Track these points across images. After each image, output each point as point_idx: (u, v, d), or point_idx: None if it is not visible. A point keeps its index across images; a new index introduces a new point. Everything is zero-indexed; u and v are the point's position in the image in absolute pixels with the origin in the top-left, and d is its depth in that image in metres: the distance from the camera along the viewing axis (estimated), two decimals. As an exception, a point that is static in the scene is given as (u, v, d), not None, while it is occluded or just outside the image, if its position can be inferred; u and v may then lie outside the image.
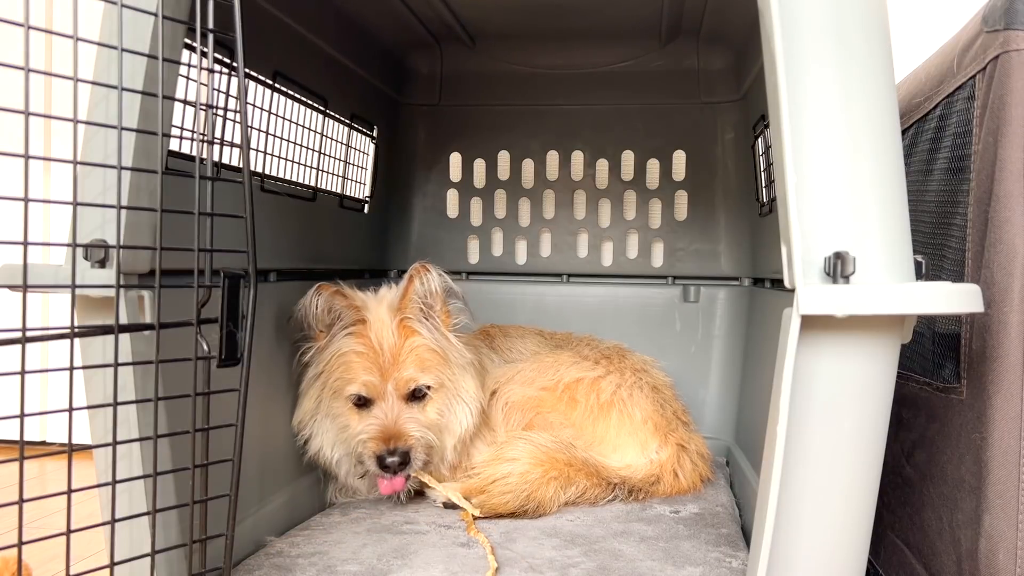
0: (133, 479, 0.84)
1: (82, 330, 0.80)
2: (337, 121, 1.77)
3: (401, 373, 1.42)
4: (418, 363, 1.44)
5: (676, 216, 2.07)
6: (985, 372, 0.96)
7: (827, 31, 0.83)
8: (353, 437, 1.42)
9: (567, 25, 1.89)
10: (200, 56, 0.82)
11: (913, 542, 1.17)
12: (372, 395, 1.42)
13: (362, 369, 1.42)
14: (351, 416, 1.44)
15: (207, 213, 0.84)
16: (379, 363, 1.42)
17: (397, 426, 1.40)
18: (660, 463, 1.56)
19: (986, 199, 0.97)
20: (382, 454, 1.38)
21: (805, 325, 0.80)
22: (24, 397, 0.74)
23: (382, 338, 1.43)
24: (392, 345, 1.43)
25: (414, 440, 1.40)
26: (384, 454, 1.38)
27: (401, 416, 1.41)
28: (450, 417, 1.49)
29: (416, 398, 1.45)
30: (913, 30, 2.03)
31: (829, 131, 0.82)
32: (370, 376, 1.41)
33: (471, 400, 1.51)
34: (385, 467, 1.38)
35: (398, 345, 1.44)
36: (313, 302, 1.42)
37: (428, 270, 1.47)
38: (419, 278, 1.47)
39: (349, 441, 1.43)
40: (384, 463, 1.38)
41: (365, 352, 1.42)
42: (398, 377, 1.42)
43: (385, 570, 1.16)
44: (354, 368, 1.42)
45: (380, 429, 1.40)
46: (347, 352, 1.43)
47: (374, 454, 1.38)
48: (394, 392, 1.42)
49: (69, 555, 0.78)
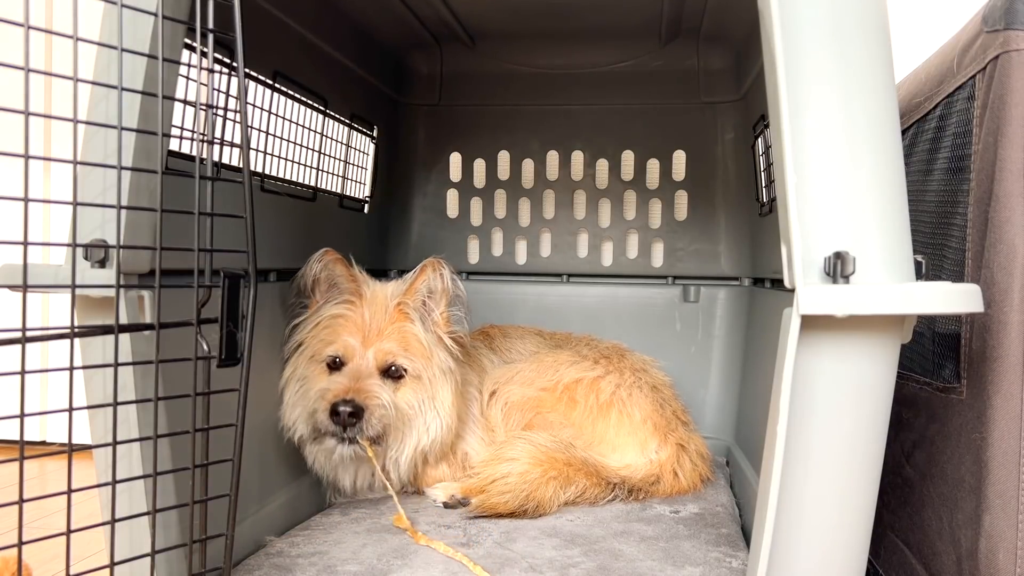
0: (133, 479, 0.84)
1: (82, 330, 0.80)
2: (337, 121, 1.77)
3: (382, 344, 1.38)
4: (402, 342, 1.40)
5: (676, 216, 2.08)
6: (985, 372, 0.96)
7: (827, 31, 0.83)
8: (315, 394, 1.35)
9: (567, 25, 1.89)
10: (200, 56, 0.82)
11: (913, 542, 1.17)
12: (347, 357, 1.38)
13: (344, 332, 1.39)
14: (320, 377, 1.39)
15: (207, 213, 0.84)
16: (363, 331, 1.39)
17: (361, 384, 1.34)
18: (660, 463, 1.56)
19: (986, 199, 0.97)
20: (337, 401, 1.30)
21: (805, 325, 0.80)
22: (24, 397, 0.74)
23: (374, 312, 1.40)
24: (380, 321, 1.40)
25: (374, 403, 1.33)
26: (340, 401, 1.30)
27: (370, 379, 1.36)
28: (418, 416, 1.42)
29: (391, 376, 1.40)
30: (913, 30, 2.03)
31: (829, 131, 0.82)
32: (351, 339, 1.38)
33: (444, 412, 1.45)
34: (336, 415, 1.30)
35: (387, 322, 1.41)
36: (313, 265, 1.41)
37: (443, 267, 1.44)
38: (432, 272, 1.44)
39: (309, 399, 1.37)
40: (336, 410, 1.30)
41: (352, 318, 1.40)
42: (379, 347, 1.38)
43: (385, 570, 1.16)
44: (336, 331, 1.39)
45: (344, 386, 1.33)
46: (334, 316, 1.40)
47: (328, 402, 1.31)
48: (372, 360, 1.38)
49: (69, 555, 0.78)
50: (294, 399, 1.42)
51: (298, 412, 1.40)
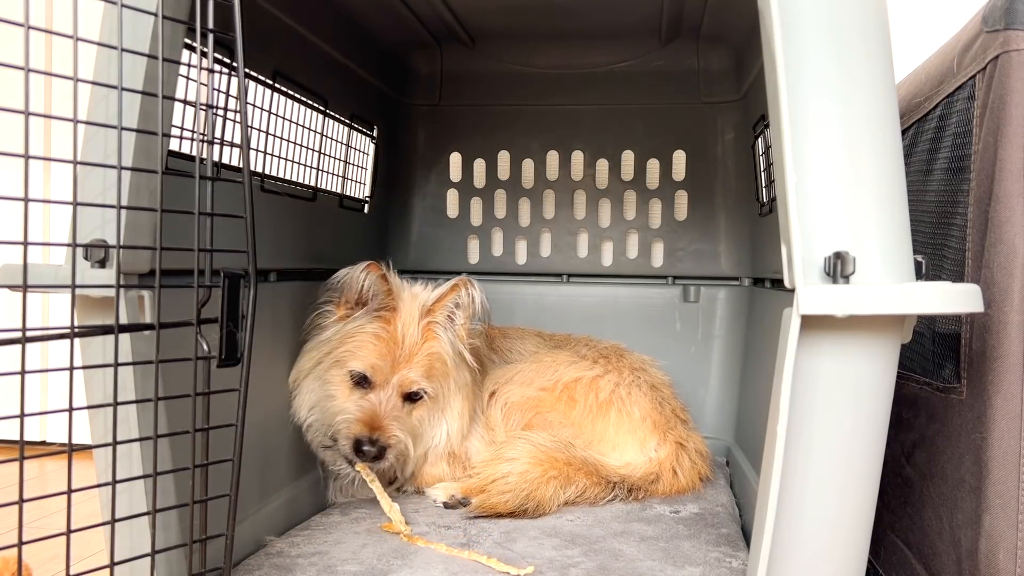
0: (133, 479, 0.84)
1: (82, 330, 0.80)
2: (337, 121, 1.77)
3: (409, 373, 1.44)
4: (427, 368, 1.46)
5: (676, 216, 2.07)
6: (985, 372, 0.96)
7: (827, 31, 0.83)
8: (338, 412, 1.42)
9: (567, 25, 1.89)
10: (200, 56, 0.82)
11: (913, 542, 1.17)
12: (375, 380, 1.43)
13: (375, 352, 1.43)
14: (343, 388, 1.44)
15: (207, 213, 0.84)
16: (394, 354, 1.44)
17: (384, 421, 1.40)
18: (659, 461, 1.56)
19: (986, 199, 0.97)
20: (363, 438, 1.38)
21: (805, 325, 0.80)
22: (24, 397, 0.74)
23: (406, 332, 1.45)
24: (413, 343, 1.45)
25: (395, 440, 1.40)
26: (365, 440, 1.37)
27: (393, 412, 1.42)
28: (428, 428, 1.51)
29: (410, 399, 1.46)
30: (913, 30, 2.03)
31: (829, 131, 0.82)
32: (382, 362, 1.42)
33: (453, 420, 1.53)
34: (361, 453, 1.38)
35: (418, 344, 1.46)
36: (360, 278, 1.43)
37: (473, 286, 1.49)
38: (464, 290, 1.48)
39: (331, 413, 1.43)
40: (361, 448, 1.37)
41: (386, 339, 1.44)
42: (404, 376, 1.43)
43: (385, 570, 1.16)
44: (369, 348, 1.43)
45: (370, 415, 1.40)
46: (369, 332, 1.44)
47: (354, 436, 1.38)
48: (397, 386, 1.43)
49: (69, 555, 0.78)
50: (312, 400, 1.47)
51: (315, 417, 1.47)
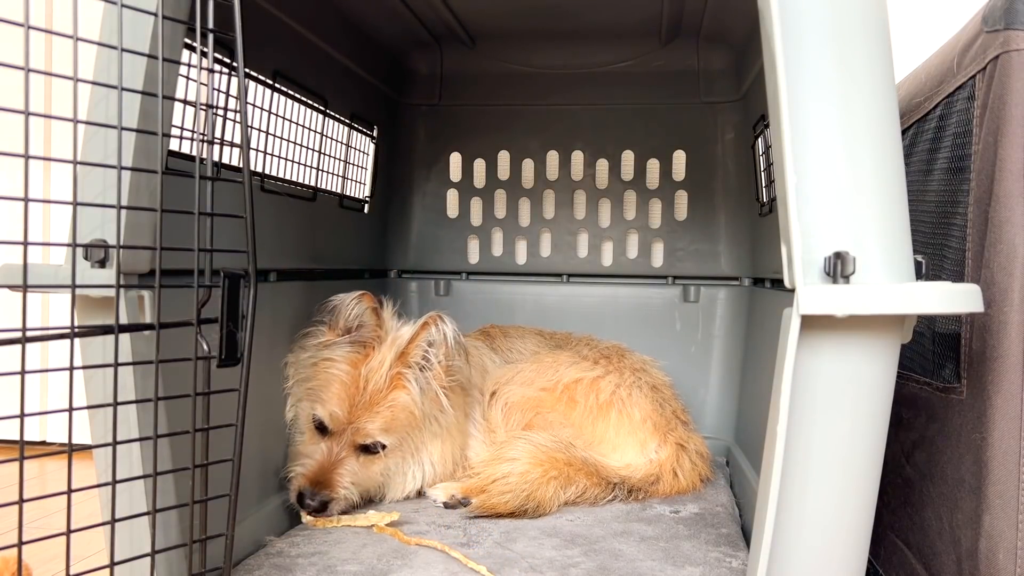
0: (133, 479, 0.84)
1: (82, 330, 0.80)
2: (337, 121, 1.77)
3: (367, 424, 1.41)
4: (387, 421, 1.42)
5: (676, 216, 2.07)
6: (985, 372, 0.96)
7: (827, 31, 0.83)
8: (294, 457, 1.44)
9: (567, 25, 1.89)
10: (200, 56, 0.82)
11: (913, 542, 1.17)
12: (332, 427, 1.42)
13: (336, 399, 1.41)
14: (307, 429, 1.46)
15: (207, 213, 0.84)
16: (353, 400, 1.41)
17: (331, 475, 1.40)
18: (659, 462, 1.56)
19: (986, 199, 0.97)
20: (304, 492, 1.38)
21: (805, 325, 0.80)
22: (24, 397, 0.74)
23: (371, 378, 1.42)
24: (376, 390, 1.41)
25: (338, 496, 1.40)
26: (307, 493, 1.38)
27: (340, 467, 1.41)
28: (396, 477, 1.49)
29: (368, 451, 1.43)
30: (913, 30, 2.03)
31: (829, 131, 0.82)
32: (339, 410, 1.41)
33: (429, 464, 1.50)
34: (302, 504, 1.38)
35: (382, 394, 1.42)
36: (351, 305, 1.43)
37: (444, 321, 1.46)
38: (434, 327, 1.46)
39: (291, 453, 1.46)
40: (303, 502, 1.38)
41: (348, 384, 1.42)
42: (359, 427, 1.41)
43: (385, 570, 1.16)
44: (331, 392, 1.41)
45: (317, 469, 1.40)
46: (336, 371, 1.42)
47: (297, 489, 1.39)
48: (350, 438, 1.41)
49: (69, 555, 0.78)
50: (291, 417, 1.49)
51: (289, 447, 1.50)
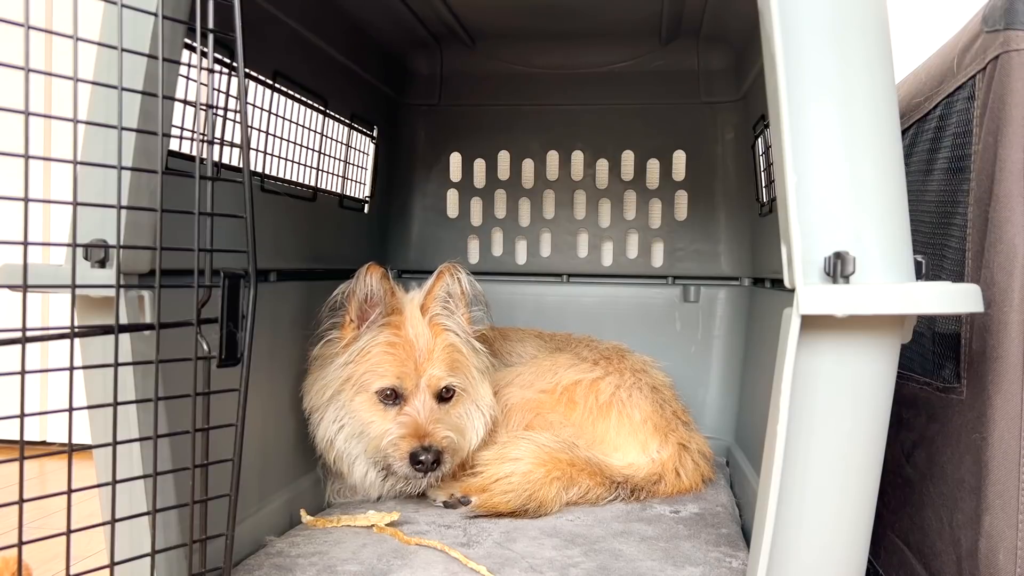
0: (133, 479, 0.84)
1: (82, 330, 0.80)
2: (337, 121, 1.77)
3: (434, 370, 1.41)
4: (448, 364, 1.43)
5: (676, 216, 2.07)
6: (985, 372, 0.96)
7: (827, 31, 0.83)
8: (381, 436, 1.38)
9: (567, 25, 1.89)
10: (200, 56, 0.82)
11: (913, 542, 1.17)
12: (405, 390, 1.40)
13: (396, 363, 1.40)
14: (375, 412, 1.41)
15: (207, 213, 0.84)
16: (413, 357, 1.40)
17: (430, 425, 1.37)
18: (662, 462, 1.56)
19: (986, 199, 0.97)
20: (416, 451, 1.34)
21: (805, 325, 0.80)
22: (24, 397, 0.74)
23: (418, 332, 1.42)
24: (427, 340, 1.42)
25: (447, 441, 1.38)
26: (419, 450, 1.34)
27: (433, 415, 1.39)
28: (467, 423, 1.48)
29: (444, 399, 1.43)
30: (913, 30, 2.03)
31: (829, 131, 0.82)
32: (405, 369, 1.40)
33: (486, 409, 1.51)
34: (419, 464, 1.34)
35: (432, 342, 1.43)
36: (369, 282, 1.40)
37: (458, 271, 1.46)
38: (450, 277, 1.46)
39: (373, 439, 1.40)
40: (418, 459, 1.34)
41: (400, 344, 1.41)
42: (431, 374, 1.41)
43: (385, 570, 1.16)
44: (387, 362, 1.40)
45: (413, 426, 1.37)
46: (381, 344, 1.40)
47: (407, 452, 1.35)
48: (424, 392, 1.40)
49: (69, 555, 0.78)
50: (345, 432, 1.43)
51: (356, 450, 1.43)
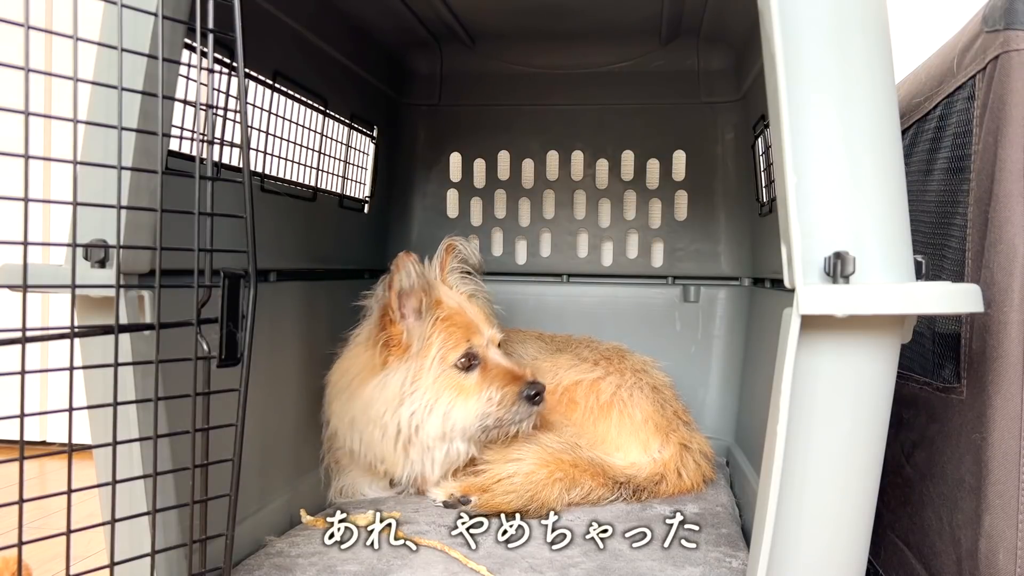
0: (133, 479, 0.84)
1: (82, 330, 0.80)
2: (337, 121, 1.77)
3: (488, 330, 1.48)
4: (492, 320, 1.52)
5: (676, 216, 2.07)
6: (985, 372, 0.96)
7: (827, 31, 0.83)
8: (482, 395, 1.42)
9: (567, 25, 1.89)
10: (200, 56, 0.82)
11: (913, 542, 1.17)
12: (479, 351, 1.45)
13: (461, 332, 1.44)
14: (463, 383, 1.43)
15: (207, 213, 0.84)
16: (470, 323, 1.46)
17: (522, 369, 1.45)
18: (663, 462, 1.56)
19: (986, 199, 0.97)
20: (523, 389, 1.41)
21: (805, 325, 0.80)
22: (24, 397, 0.74)
23: (460, 300, 1.49)
24: (467, 306, 1.50)
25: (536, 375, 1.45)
26: (525, 387, 1.41)
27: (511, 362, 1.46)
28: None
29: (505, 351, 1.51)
30: (913, 30, 2.03)
31: (829, 131, 0.82)
32: (470, 333, 1.45)
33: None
34: (532, 398, 1.41)
35: (471, 306, 1.51)
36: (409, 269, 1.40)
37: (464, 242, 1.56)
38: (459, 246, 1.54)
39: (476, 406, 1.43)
40: (530, 394, 1.40)
41: (458, 316, 1.46)
42: (489, 334, 1.48)
43: (385, 570, 1.16)
44: (455, 332, 1.44)
45: (505, 375, 1.43)
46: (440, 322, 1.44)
47: (516, 394, 1.41)
48: (494, 348, 1.47)
49: (69, 555, 0.78)
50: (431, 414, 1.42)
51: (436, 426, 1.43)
